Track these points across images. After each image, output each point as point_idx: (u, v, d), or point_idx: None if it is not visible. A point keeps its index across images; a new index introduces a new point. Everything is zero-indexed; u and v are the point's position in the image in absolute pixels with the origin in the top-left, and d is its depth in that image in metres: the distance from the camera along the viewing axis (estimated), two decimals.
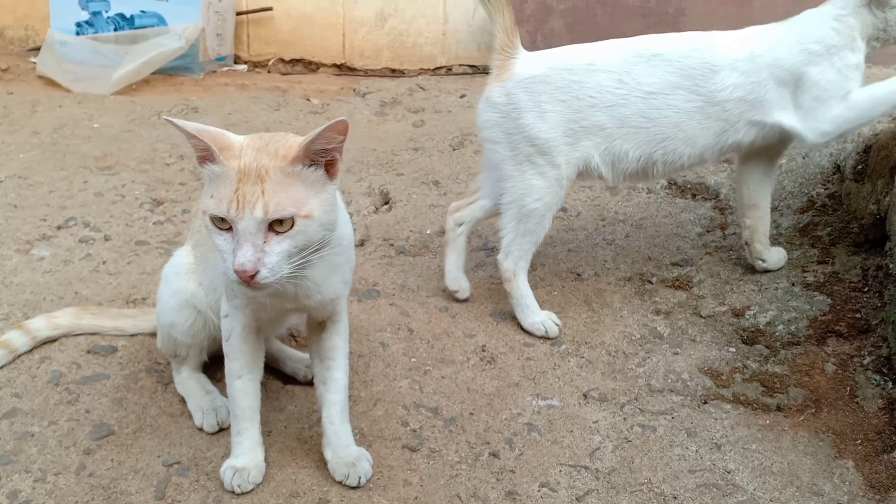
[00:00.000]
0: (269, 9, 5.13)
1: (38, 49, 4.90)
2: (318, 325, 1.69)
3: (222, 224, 1.33)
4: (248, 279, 1.30)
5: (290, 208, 1.31)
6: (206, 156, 1.35)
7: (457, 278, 2.31)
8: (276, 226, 1.32)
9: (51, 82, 4.30)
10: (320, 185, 1.37)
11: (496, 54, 2.16)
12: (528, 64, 2.14)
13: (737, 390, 1.94)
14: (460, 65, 5.00)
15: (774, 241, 2.39)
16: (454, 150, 3.18)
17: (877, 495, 1.61)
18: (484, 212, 2.30)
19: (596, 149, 2.09)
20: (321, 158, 1.36)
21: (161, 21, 4.78)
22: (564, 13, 4.31)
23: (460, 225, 2.29)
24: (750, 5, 4.18)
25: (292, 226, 1.32)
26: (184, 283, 1.81)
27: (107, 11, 4.80)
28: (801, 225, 2.40)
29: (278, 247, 1.32)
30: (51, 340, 2.04)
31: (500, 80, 2.14)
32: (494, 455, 1.75)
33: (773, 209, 2.53)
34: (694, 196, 2.74)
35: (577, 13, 4.30)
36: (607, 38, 4.28)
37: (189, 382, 1.88)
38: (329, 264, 1.54)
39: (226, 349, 1.66)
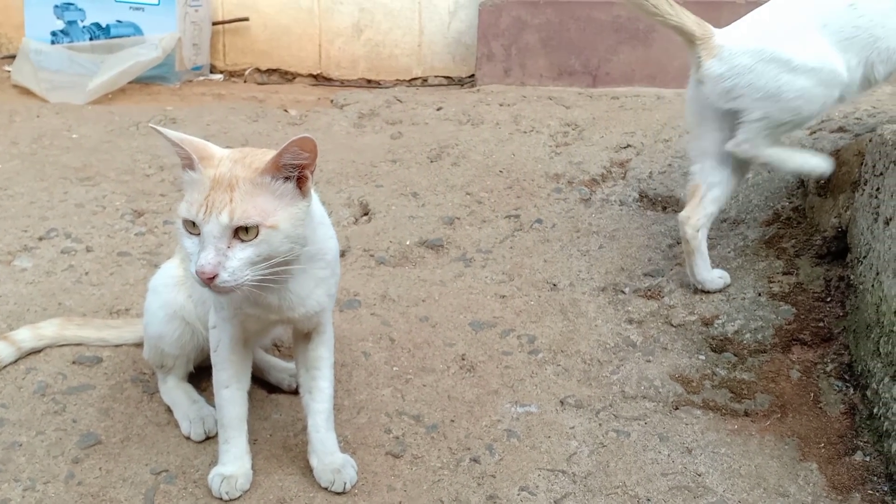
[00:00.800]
0: (246, 19, 5.16)
1: (11, 57, 4.88)
2: (304, 336, 1.74)
3: (193, 228, 1.39)
4: (207, 281, 1.35)
5: (255, 217, 1.36)
6: (186, 163, 1.42)
7: (712, 279, 2.34)
8: (241, 233, 1.37)
9: (26, 91, 4.29)
10: (289, 198, 1.42)
11: (698, 44, 2.24)
12: (732, 32, 2.26)
13: (706, 396, 2.02)
14: (436, 76, 5.07)
15: (741, 252, 2.48)
16: (432, 162, 3.24)
17: (839, 496, 1.70)
18: (717, 203, 2.33)
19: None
20: (291, 173, 1.42)
21: (137, 31, 4.79)
22: (539, 28, 4.40)
23: (698, 230, 2.30)
24: (718, 23, 4.30)
25: (257, 234, 1.38)
26: (172, 296, 1.85)
27: (82, 21, 4.80)
28: (766, 237, 2.50)
29: (241, 253, 1.37)
30: (36, 351, 2.06)
31: (712, 56, 2.21)
32: (475, 461, 1.81)
33: (740, 222, 2.64)
34: (664, 208, 2.83)
35: (550, 28, 4.40)
36: (581, 53, 4.39)
37: (175, 392, 1.92)
38: (313, 278, 1.59)
39: (214, 360, 1.70)
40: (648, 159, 3.06)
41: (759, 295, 2.28)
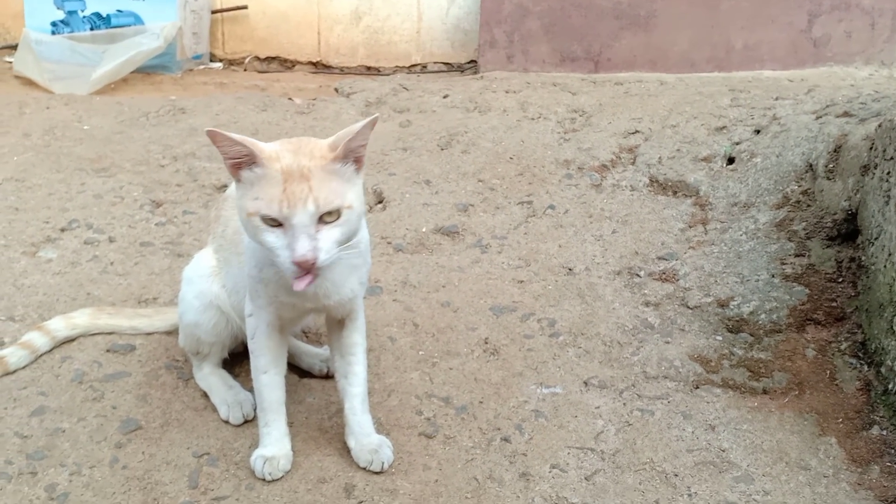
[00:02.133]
0: (244, 7, 5.16)
1: (10, 48, 4.87)
2: (338, 324, 1.79)
3: (272, 221, 1.43)
4: (309, 267, 1.40)
5: (336, 201, 1.43)
6: (244, 161, 1.45)
7: None
8: (326, 217, 1.43)
9: (29, 82, 4.29)
10: (353, 178, 1.50)
11: None
12: None
13: (725, 375, 2.09)
14: (435, 62, 5.10)
15: (753, 235, 2.55)
16: (442, 149, 3.28)
17: (859, 468, 1.77)
18: None
19: None
20: (353, 155, 1.48)
21: (138, 20, 4.78)
22: (540, 14, 4.44)
23: None
24: (717, 8, 4.36)
25: (339, 216, 1.45)
26: (207, 285, 1.90)
27: (83, 10, 4.79)
28: (777, 220, 2.56)
29: (329, 234, 1.43)
30: (69, 340, 2.10)
31: None
32: (506, 440, 1.87)
33: (751, 205, 2.70)
34: (675, 193, 2.89)
35: (552, 14, 4.43)
36: (583, 39, 4.43)
37: (211, 378, 1.96)
38: (348, 265, 1.64)
39: (251, 346, 1.74)
40: (657, 144, 3.12)
41: (773, 277, 2.35)
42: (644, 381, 2.07)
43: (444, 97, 3.85)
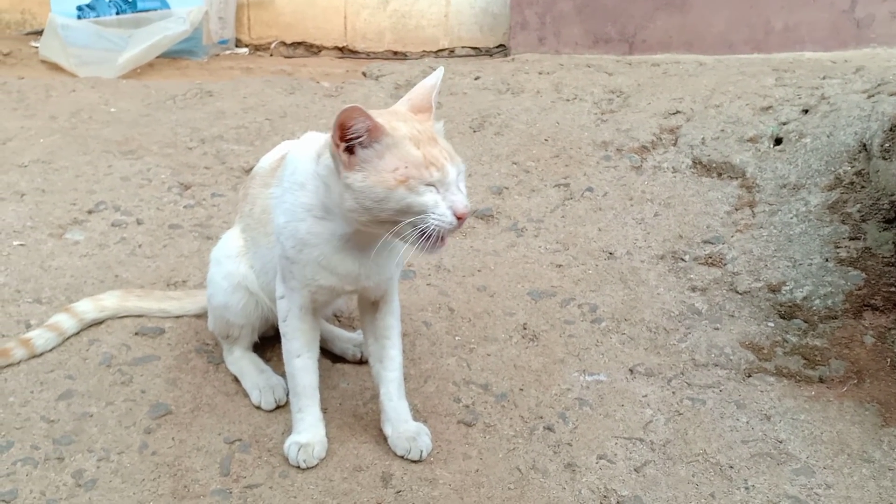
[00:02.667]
0: None
1: (37, 33, 4.84)
2: (372, 306, 1.72)
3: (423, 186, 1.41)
4: (463, 217, 1.42)
5: (459, 156, 1.47)
6: (364, 139, 1.39)
7: None
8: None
9: (55, 67, 4.25)
10: None
11: None
12: None
13: (779, 363, 1.98)
14: (463, 47, 5.00)
15: (804, 218, 2.44)
16: (475, 132, 3.19)
17: None
18: None
19: None
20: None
21: (164, 4, 4.73)
22: None
23: None
24: None
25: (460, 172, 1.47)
26: (235, 266, 1.83)
27: None
28: (829, 202, 2.44)
29: (463, 188, 1.46)
30: (97, 323, 2.04)
31: None
32: (549, 429, 1.78)
33: (801, 187, 2.58)
34: (720, 175, 2.78)
35: None
36: (617, 20, 4.32)
37: (242, 362, 1.90)
38: (390, 247, 1.57)
39: (283, 329, 1.67)
40: (700, 125, 3.00)
41: (827, 261, 2.24)
42: (693, 368, 1.97)
43: (476, 79, 3.75)
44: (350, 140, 1.39)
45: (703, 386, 1.91)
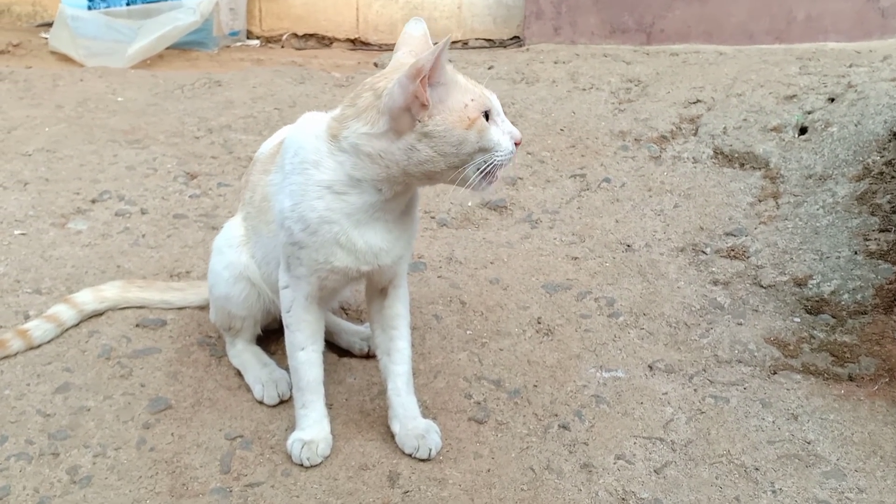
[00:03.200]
0: None
1: (47, 25, 4.80)
2: (380, 293, 1.64)
3: (486, 119, 1.37)
4: (520, 144, 1.42)
5: None
6: (432, 77, 1.32)
7: None
8: None
9: (64, 58, 4.22)
10: None
11: None
12: None
13: (806, 360, 1.89)
14: (476, 38, 4.92)
15: (831, 209, 2.34)
16: None
17: None
18: None
19: None
20: None
21: None
22: None
23: None
24: None
25: None
26: (236, 256, 1.75)
27: None
28: (858, 193, 2.35)
29: None
30: (98, 314, 1.98)
31: None
32: (564, 427, 1.70)
33: (827, 178, 2.48)
34: (742, 165, 2.68)
35: None
36: (634, 10, 4.22)
37: (245, 355, 1.83)
38: (411, 218, 1.53)
39: (287, 321, 1.60)
40: (721, 114, 2.90)
41: (856, 253, 2.14)
42: (716, 365, 1.89)
43: (489, 68, 3.67)
44: (429, 76, 1.31)
45: (727, 383, 1.82)
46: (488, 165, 1.36)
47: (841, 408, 1.74)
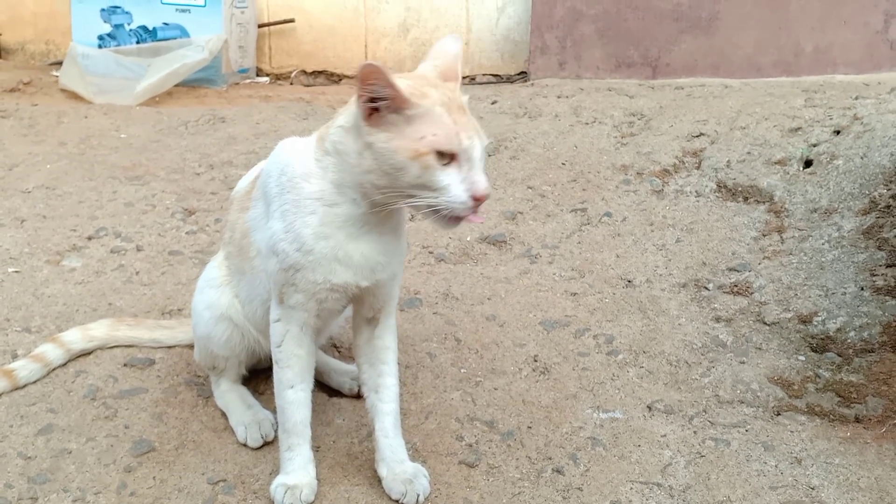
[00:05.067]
0: (291, 20, 5.09)
1: (59, 63, 4.87)
2: (368, 323, 1.60)
3: (442, 160, 1.31)
4: (483, 201, 1.33)
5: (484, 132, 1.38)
6: (390, 105, 1.31)
7: None
8: None
9: (74, 95, 4.26)
10: None
11: None
12: None
13: (811, 401, 1.83)
14: (483, 74, 4.93)
15: (837, 244, 2.28)
16: (490, 156, 3.09)
17: None
18: None
19: None
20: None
21: (184, 33, 4.73)
22: (595, 18, 4.23)
23: None
24: (786, 9, 4.09)
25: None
26: (217, 295, 1.73)
27: (129, 24, 4.76)
28: (864, 227, 2.29)
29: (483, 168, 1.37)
30: (86, 353, 1.95)
31: None
32: (558, 471, 1.64)
33: (833, 211, 2.43)
34: (746, 199, 2.64)
35: (607, 18, 4.22)
36: (640, 44, 4.21)
37: (229, 396, 1.79)
38: (400, 233, 1.51)
39: (276, 356, 1.56)
40: (725, 147, 2.86)
41: (862, 289, 2.08)
42: (717, 406, 1.82)
43: (493, 103, 3.67)
44: (375, 100, 1.31)
45: (728, 425, 1.76)
46: (435, 209, 1.32)
47: (847, 451, 1.67)
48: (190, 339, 1.98)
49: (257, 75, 5.13)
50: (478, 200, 1.33)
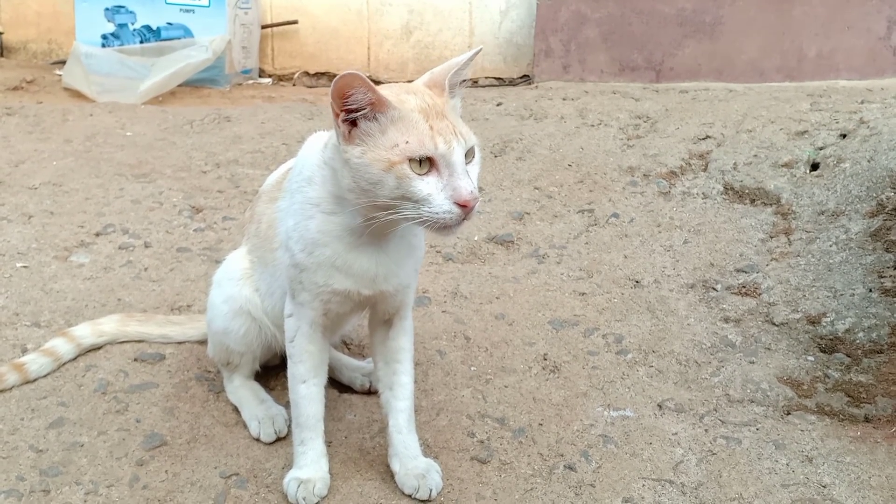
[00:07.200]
0: (294, 22, 5.10)
1: (62, 62, 4.87)
2: (384, 325, 1.60)
3: (420, 169, 1.27)
4: (471, 207, 1.28)
5: (471, 136, 1.33)
6: (367, 112, 1.28)
7: None
8: (468, 154, 1.32)
9: (77, 94, 4.26)
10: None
11: None
12: None
13: (820, 400, 1.83)
14: (486, 77, 4.94)
15: (844, 246, 2.29)
16: (496, 157, 3.10)
17: None
18: None
19: None
20: (455, 90, 1.39)
21: (187, 33, 4.74)
22: (599, 22, 4.25)
23: None
24: (789, 14, 4.11)
25: (473, 155, 1.33)
26: (237, 289, 1.72)
27: (133, 23, 4.77)
28: (871, 229, 2.30)
29: (473, 172, 1.32)
30: (96, 348, 1.95)
31: None
32: (570, 468, 1.64)
33: (840, 214, 2.44)
34: (753, 201, 2.65)
35: (611, 22, 4.24)
36: (644, 48, 4.23)
37: (242, 391, 1.79)
38: (407, 245, 1.48)
39: (290, 351, 1.56)
40: (731, 150, 2.88)
41: (871, 291, 2.09)
42: (727, 405, 1.83)
43: (498, 105, 3.67)
44: (352, 111, 1.27)
45: (739, 424, 1.76)
46: (420, 220, 1.28)
47: (857, 450, 1.67)
48: (200, 335, 1.98)
49: (260, 76, 5.14)
50: (464, 206, 1.27)
